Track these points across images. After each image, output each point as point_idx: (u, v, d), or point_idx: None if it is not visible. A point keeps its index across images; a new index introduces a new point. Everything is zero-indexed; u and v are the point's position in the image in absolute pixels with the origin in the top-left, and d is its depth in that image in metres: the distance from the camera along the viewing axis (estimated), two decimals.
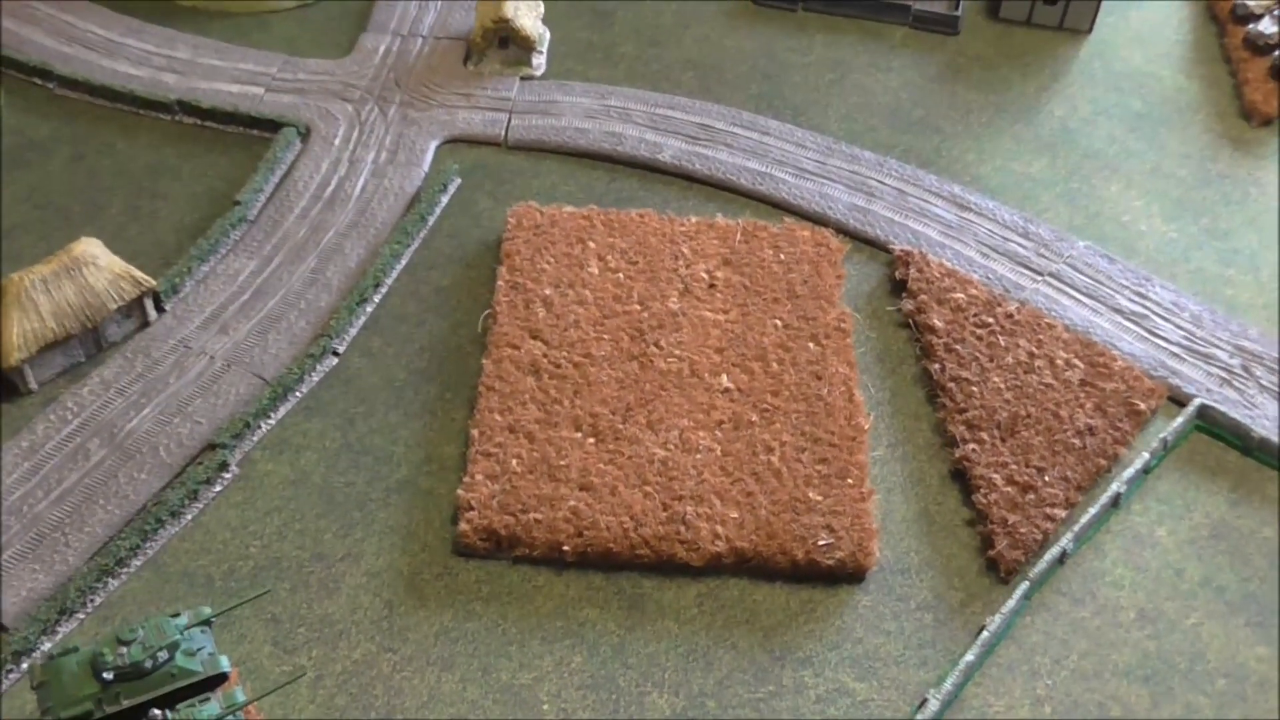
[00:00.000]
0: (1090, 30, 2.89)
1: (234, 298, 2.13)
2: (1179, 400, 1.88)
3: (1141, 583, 1.59)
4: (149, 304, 2.06)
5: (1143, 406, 1.90)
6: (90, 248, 2.08)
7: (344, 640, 1.48)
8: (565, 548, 1.60)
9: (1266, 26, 2.69)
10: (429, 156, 2.42)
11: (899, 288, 2.06)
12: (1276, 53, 2.66)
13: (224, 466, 1.81)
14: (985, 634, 1.47)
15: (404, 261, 2.09)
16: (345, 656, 1.46)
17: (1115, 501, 1.68)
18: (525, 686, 1.47)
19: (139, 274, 2.00)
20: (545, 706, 1.46)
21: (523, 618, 1.49)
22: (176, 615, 1.66)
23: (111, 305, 2.04)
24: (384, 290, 2.03)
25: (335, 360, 1.91)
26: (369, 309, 1.98)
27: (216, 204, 2.26)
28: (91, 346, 2.09)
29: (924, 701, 1.37)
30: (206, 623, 1.53)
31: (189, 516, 1.80)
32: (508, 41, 2.75)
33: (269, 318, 2.09)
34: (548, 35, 2.78)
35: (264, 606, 1.57)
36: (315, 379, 1.88)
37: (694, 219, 2.15)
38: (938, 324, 2.02)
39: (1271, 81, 2.72)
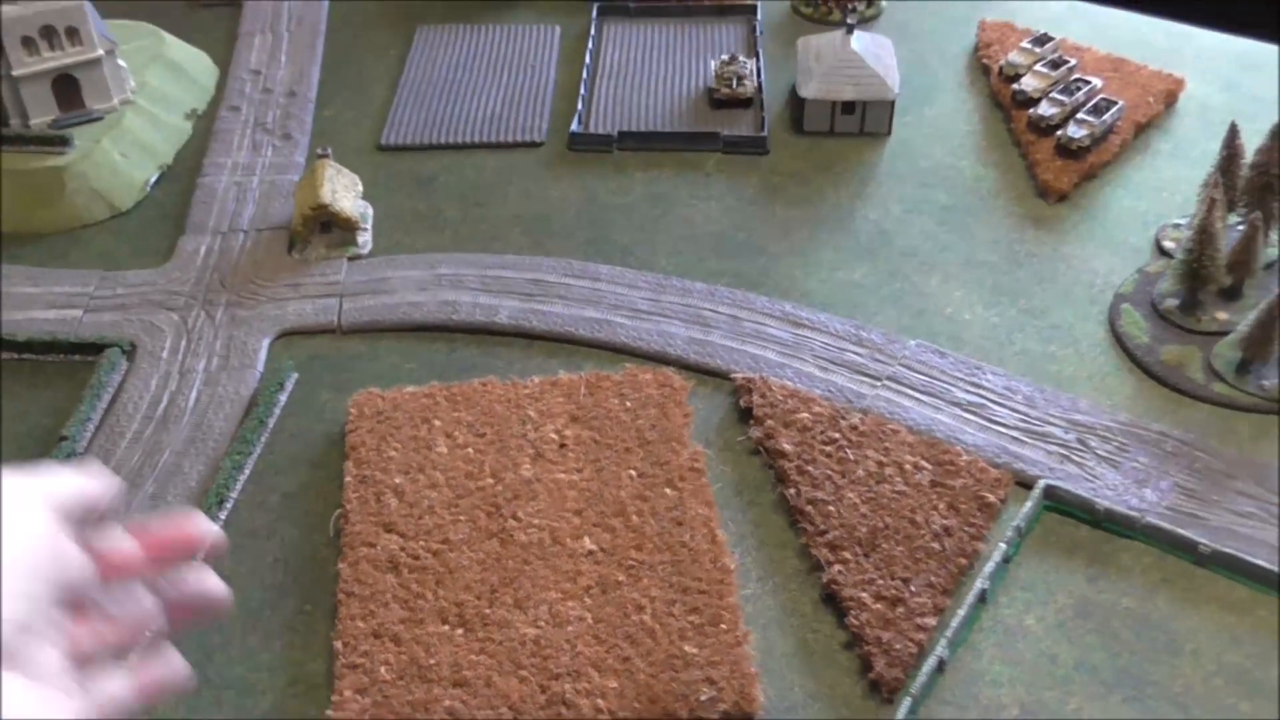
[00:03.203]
0: (889, 132, 3.03)
1: None
2: (1025, 484, 1.93)
3: (1019, 677, 1.61)
4: None
5: (992, 498, 1.94)
6: None
7: None
8: None
9: (1046, 109, 2.87)
10: (262, 355, 2.34)
11: (745, 415, 2.09)
12: (1059, 132, 2.84)
13: None
14: None
15: (247, 472, 2.01)
16: None
17: (982, 598, 1.70)
18: None
19: None
20: None
21: None
22: None
23: None
24: (229, 506, 1.94)
25: None
26: (216, 529, 1.91)
27: (43, 442, 2.12)
28: None
29: None
30: None
31: None
32: (330, 225, 2.74)
33: None
34: (370, 211, 2.76)
35: None
36: None
37: (537, 379, 2.14)
38: (787, 448, 2.04)
39: (1059, 159, 2.89)
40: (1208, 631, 1.59)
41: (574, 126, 2.92)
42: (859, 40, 2.87)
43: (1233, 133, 2.35)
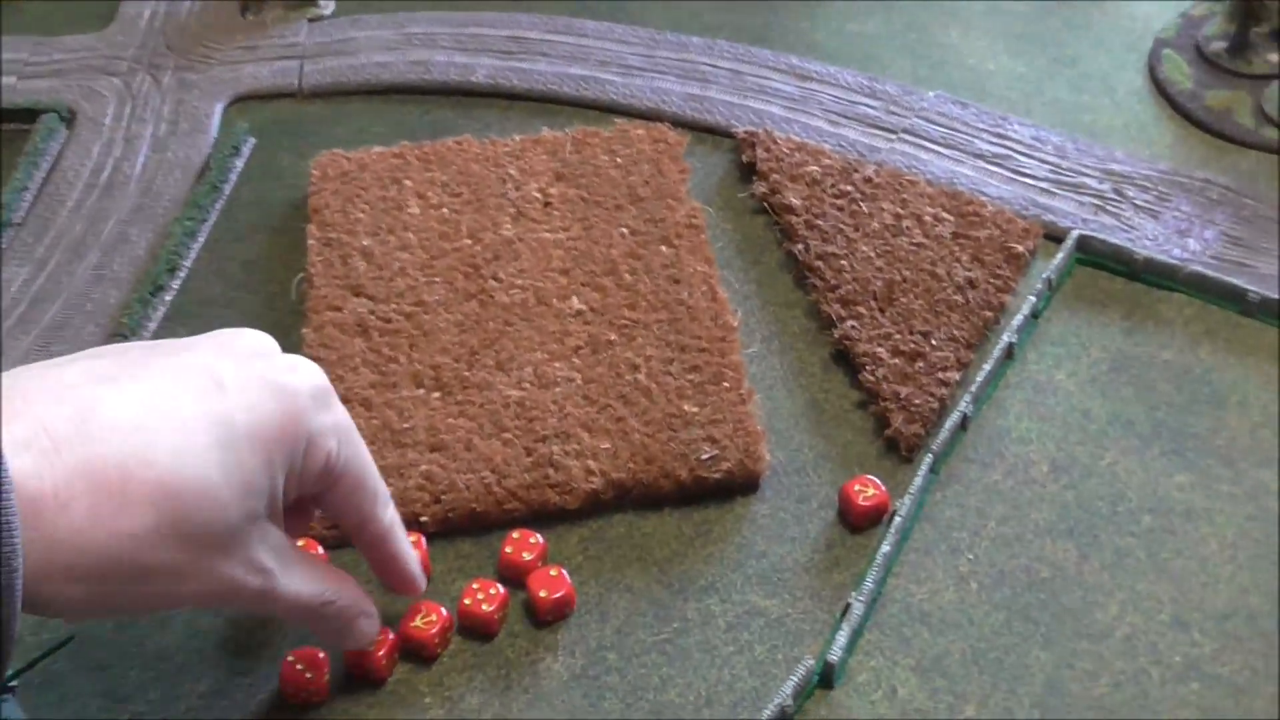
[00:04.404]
0: None
1: (7, 313, 1.83)
2: (1056, 236, 1.75)
3: (1049, 432, 1.47)
4: None
5: (1020, 248, 1.77)
6: None
7: (185, 674, 1.26)
8: (424, 519, 1.38)
9: None
10: (215, 120, 2.15)
11: (748, 172, 1.90)
12: None
13: None
14: (898, 519, 1.32)
15: (201, 239, 1.84)
16: (191, 691, 1.25)
17: (1009, 353, 1.55)
18: (401, 681, 1.30)
19: None
20: (428, 700, 1.28)
21: (388, 605, 1.30)
22: None
23: None
24: (183, 274, 1.77)
25: None
26: (167, 298, 1.72)
27: None
28: None
29: (847, 608, 1.22)
30: (6, 689, 1.28)
31: None
32: None
33: (51, 327, 1.80)
34: None
35: (88, 655, 1.34)
36: None
37: (518, 137, 1.95)
38: (794, 202, 1.86)
39: None
40: (1255, 382, 1.42)
41: None
42: None
43: None
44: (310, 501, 0.72)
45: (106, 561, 0.54)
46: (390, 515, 0.80)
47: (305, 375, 0.66)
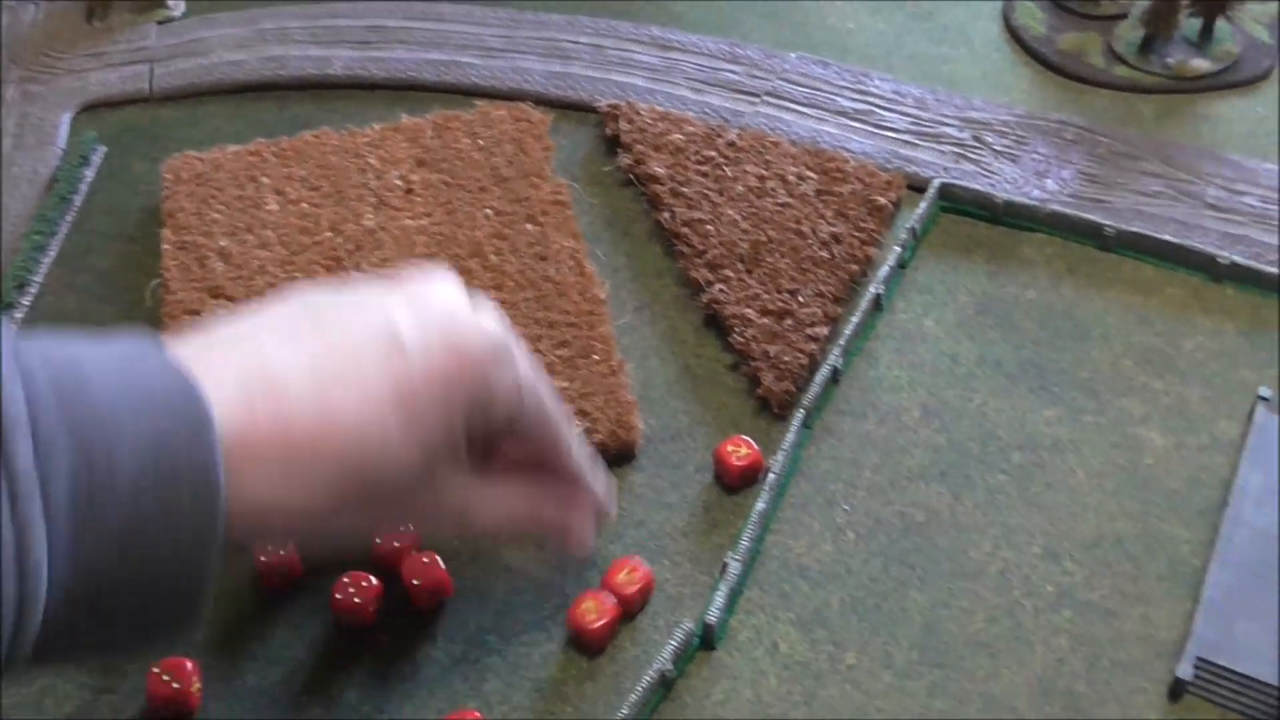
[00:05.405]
0: None
1: None
2: (919, 187, 1.77)
3: (920, 379, 1.48)
4: None
5: (883, 201, 1.78)
6: None
7: (49, 697, 1.22)
8: None
9: None
10: (63, 131, 2.07)
11: (613, 145, 1.88)
12: None
13: None
14: (771, 476, 1.32)
15: (52, 253, 1.77)
16: (56, 715, 1.21)
17: (877, 304, 1.55)
18: (276, 683, 1.27)
19: None
20: (303, 698, 1.26)
21: (261, 610, 1.27)
22: None
23: None
24: (33, 290, 1.71)
25: None
26: (18, 315, 1.66)
27: None
28: None
29: (724, 567, 1.22)
30: None
31: None
32: None
33: None
34: None
35: None
36: None
37: (378, 126, 1.91)
38: (659, 171, 1.85)
39: None
40: (1115, 314, 1.45)
41: None
42: None
43: None
44: (498, 439, 0.79)
45: (294, 518, 0.58)
46: (576, 459, 0.89)
47: (487, 335, 0.72)
